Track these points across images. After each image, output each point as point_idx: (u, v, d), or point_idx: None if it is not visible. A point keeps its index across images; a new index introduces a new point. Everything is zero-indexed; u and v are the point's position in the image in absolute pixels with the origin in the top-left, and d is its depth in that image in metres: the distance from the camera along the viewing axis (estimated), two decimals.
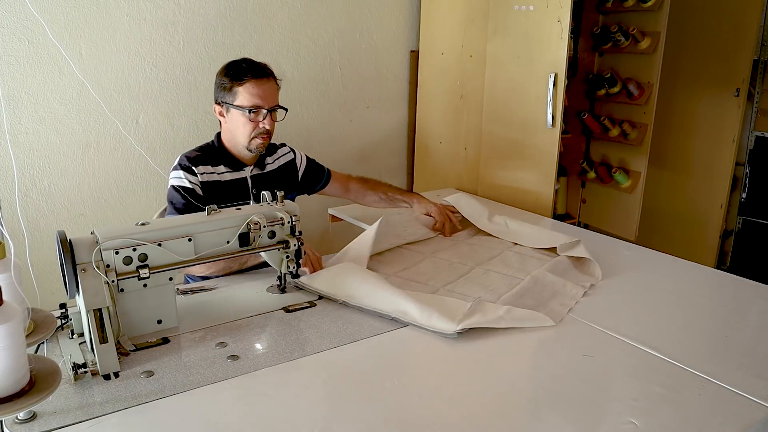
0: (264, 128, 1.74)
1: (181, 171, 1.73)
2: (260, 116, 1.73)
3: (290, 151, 1.98)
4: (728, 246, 3.22)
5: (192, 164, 1.73)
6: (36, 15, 2.02)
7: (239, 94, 1.71)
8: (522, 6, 2.38)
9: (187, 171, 1.72)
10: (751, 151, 3.08)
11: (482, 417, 1.05)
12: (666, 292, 1.62)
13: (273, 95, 1.76)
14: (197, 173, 1.73)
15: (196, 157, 1.76)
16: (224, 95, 1.74)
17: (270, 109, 1.74)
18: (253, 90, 1.71)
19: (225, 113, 1.76)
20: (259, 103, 1.72)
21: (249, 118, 1.72)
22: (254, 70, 1.72)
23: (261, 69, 1.74)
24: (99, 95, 2.19)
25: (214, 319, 1.38)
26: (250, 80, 1.71)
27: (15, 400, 0.86)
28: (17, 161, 2.10)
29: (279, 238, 1.43)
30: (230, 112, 1.74)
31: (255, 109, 1.71)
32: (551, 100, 2.30)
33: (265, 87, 1.73)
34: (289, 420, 1.03)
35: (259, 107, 1.72)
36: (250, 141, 1.75)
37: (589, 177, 3.22)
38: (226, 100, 1.74)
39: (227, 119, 1.76)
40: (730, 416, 1.06)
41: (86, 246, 1.18)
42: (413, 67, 3.00)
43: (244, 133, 1.74)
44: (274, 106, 1.75)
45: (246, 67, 1.73)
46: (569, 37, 2.24)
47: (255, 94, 1.71)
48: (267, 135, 1.76)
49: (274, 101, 1.76)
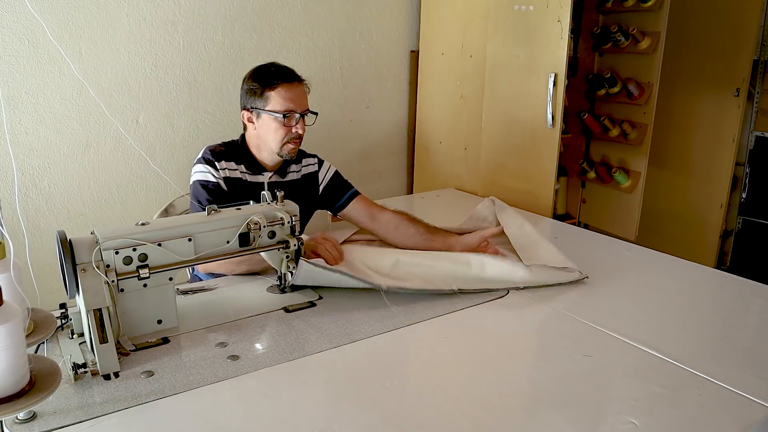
0: (297, 133, 1.72)
1: (204, 165, 1.70)
2: (293, 121, 1.71)
3: (316, 163, 1.91)
4: (728, 246, 3.22)
5: (215, 159, 1.71)
6: (36, 15, 2.02)
7: (271, 99, 1.69)
8: (522, 6, 2.38)
9: (211, 165, 1.70)
10: (751, 151, 3.08)
11: (482, 417, 1.05)
12: (666, 292, 1.62)
13: (304, 99, 1.74)
14: (219, 168, 1.71)
15: (221, 152, 1.73)
16: (254, 101, 1.71)
17: (302, 114, 1.72)
18: (285, 94, 1.69)
19: (255, 119, 1.73)
20: (292, 107, 1.69)
21: (282, 123, 1.69)
22: (285, 75, 1.70)
23: (291, 73, 1.72)
24: (99, 95, 2.19)
25: (214, 319, 1.38)
26: (282, 85, 1.68)
27: (15, 400, 0.86)
28: (17, 161, 2.10)
29: (279, 238, 1.43)
30: (261, 117, 1.71)
31: (288, 114, 1.69)
32: (551, 100, 2.30)
33: (297, 91, 1.71)
34: (289, 420, 1.03)
35: (293, 111, 1.70)
36: (282, 146, 1.73)
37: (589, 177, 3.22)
38: (256, 106, 1.71)
39: (257, 125, 1.73)
40: (730, 416, 1.06)
41: (86, 246, 1.18)
42: (413, 67, 3.00)
43: (276, 138, 1.71)
44: (305, 110, 1.73)
45: (276, 72, 1.71)
46: (569, 37, 2.24)
47: (288, 98, 1.69)
48: (299, 140, 1.74)
49: (305, 105, 1.74)
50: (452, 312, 1.44)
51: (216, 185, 1.69)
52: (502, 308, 1.48)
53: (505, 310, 1.48)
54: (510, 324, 1.43)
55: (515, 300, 1.52)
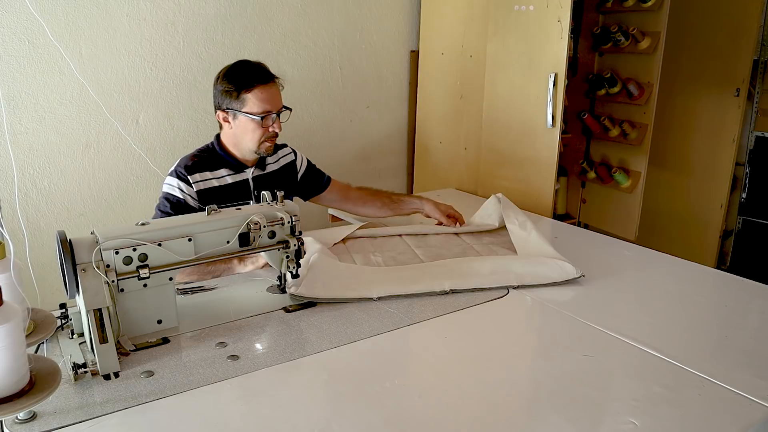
0: (274, 132, 1.75)
1: (175, 179, 1.72)
2: (270, 121, 1.73)
3: (291, 152, 1.98)
4: (728, 246, 3.22)
5: (188, 173, 1.73)
6: (36, 15, 2.02)
7: (248, 101, 1.70)
8: (522, 6, 2.38)
9: (182, 179, 1.72)
10: (751, 151, 3.08)
11: (482, 417, 1.05)
12: (666, 292, 1.62)
13: (279, 97, 1.77)
14: (192, 182, 1.72)
15: (194, 164, 1.75)
16: (230, 102, 1.72)
17: (277, 113, 1.75)
18: (262, 96, 1.71)
19: (231, 120, 1.75)
20: (268, 108, 1.72)
21: (260, 124, 1.72)
22: (260, 76, 1.72)
23: (266, 73, 1.74)
24: (99, 95, 2.19)
25: (214, 319, 1.38)
26: (258, 86, 1.70)
27: (15, 400, 0.86)
28: (17, 161, 2.10)
29: (279, 238, 1.43)
30: (238, 118, 1.73)
31: (265, 115, 1.71)
32: (551, 100, 2.30)
33: (272, 91, 1.73)
34: (289, 420, 1.03)
35: (269, 112, 1.72)
36: (259, 146, 1.76)
37: (589, 177, 3.21)
38: (232, 107, 1.72)
39: (234, 125, 1.75)
40: (730, 416, 1.06)
41: (86, 246, 1.18)
42: (413, 67, 3.00)
43: (253, 138, 1.74)
44: (281, 108, 1.76)
45: (251, 73, 1.72)
46: (569, 37, 2.24)
47: (264, 99, 1.71)
48: (275, 137, 1.78)
49: (280, 103, 1.76)
50: (452, 312, 1.44)
51: (178, 201, 1.70)
52: (502, 308, 1.48)
53: (505, 310, 1.48)
54: (510, 324, 1.43)
55: (515, 300, 1.52)
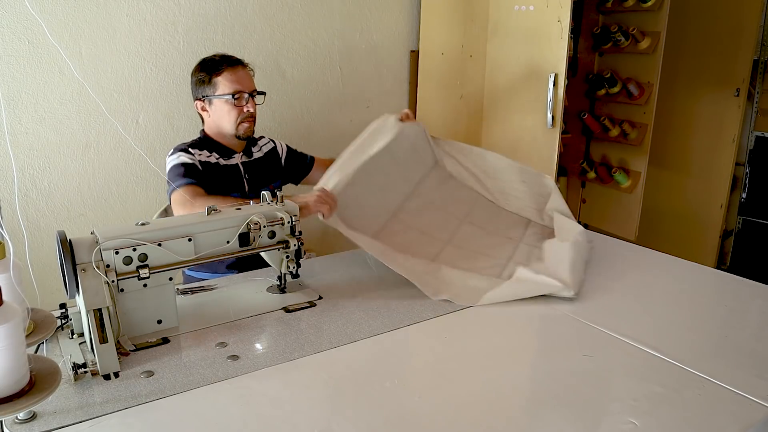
0: (248, 111, 1.85)
1: (178, 152, 1.81)
2: (243, 101, 1.83)
3: (270, 141, 2.08)
4: (728, 246, 3.22)
5: (188, 147, 1.83)
6: (36, 15, 2.02)
7: (219, 84, 1.83)
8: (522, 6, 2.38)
9: (184, 152, 1.81)
10: (751, 151, 3.08)
11: (482, 417, 1.05)
12: (666, 292, 1.62)
13: (250, 80, 1.88)
14: (193, 153, 1.81)
15: (192, 143, 1.86)
16: (204, 89, 1.85)
17: (250, 94, 1.84)
18: (231, 77, 1.82)
19: (208, 107, 1.86)
20: (239, 87, 1.82)
21: (233, 104, 1.81)
22: (228, 60, 1.85)
23: (234, 58, 1.86)
24: (99, 95, 2.19)
25: (214, 319, 1.38)
26: (227, 69, 1.82)
27: (15, 400, 0.86)
28: (17, 161, 2.10)
29: (279, 238, 1.43)
30: (213, 103, 1.85)
31: (237, 95, 1.81)
32: (551, 100, 2.31)
33: (241, 73, 1.85)
34: (289, 420, 1.03)
35: (241, 92, 1.83)
36: (237, 126, 1.85)
37: (589, 177, 3.22)
38: (207, 94, 1.85)
39: (211, 112, 1.87)
40: (730, 416, 1.06)
41: (86, 246, 1.18)
42: (413, 67, 3.00)
43: (230, 120, 1.84)
44: (253, 90, 1.86)
45: (220, 59, 1.85)
46: (569, 37, 2.25)
47: (233, 80, 1.82)
48: (252, 119, 1.87)
49: (252, 86, 1.88)
50: (452, 312, 1.44)
51: (192, 164, 1.78)
52: (502, 308, 1.48)
53: (505, 310, 1.48)
54: (510, 324, 1.43)
55: (515, 300, 1.52)
